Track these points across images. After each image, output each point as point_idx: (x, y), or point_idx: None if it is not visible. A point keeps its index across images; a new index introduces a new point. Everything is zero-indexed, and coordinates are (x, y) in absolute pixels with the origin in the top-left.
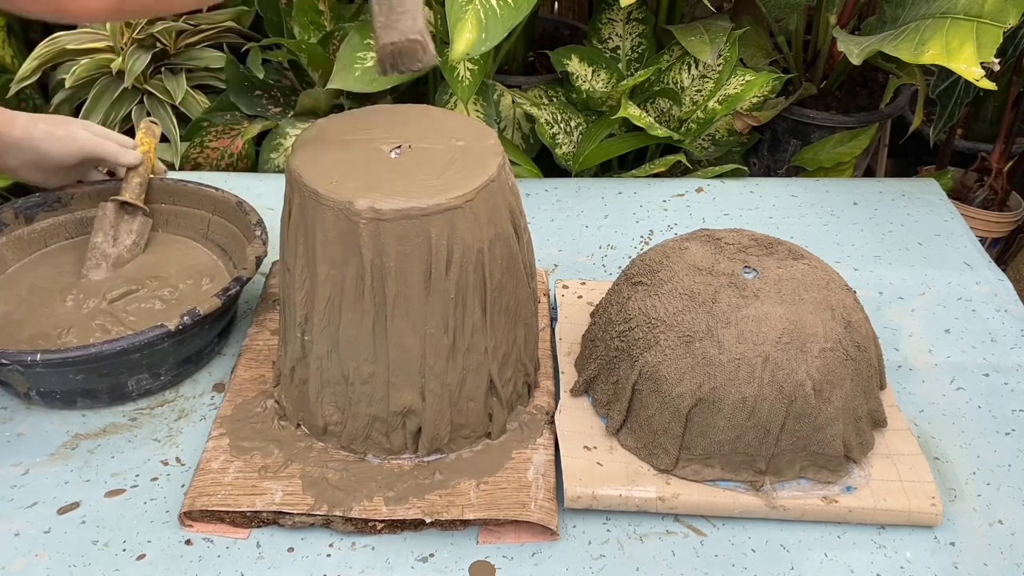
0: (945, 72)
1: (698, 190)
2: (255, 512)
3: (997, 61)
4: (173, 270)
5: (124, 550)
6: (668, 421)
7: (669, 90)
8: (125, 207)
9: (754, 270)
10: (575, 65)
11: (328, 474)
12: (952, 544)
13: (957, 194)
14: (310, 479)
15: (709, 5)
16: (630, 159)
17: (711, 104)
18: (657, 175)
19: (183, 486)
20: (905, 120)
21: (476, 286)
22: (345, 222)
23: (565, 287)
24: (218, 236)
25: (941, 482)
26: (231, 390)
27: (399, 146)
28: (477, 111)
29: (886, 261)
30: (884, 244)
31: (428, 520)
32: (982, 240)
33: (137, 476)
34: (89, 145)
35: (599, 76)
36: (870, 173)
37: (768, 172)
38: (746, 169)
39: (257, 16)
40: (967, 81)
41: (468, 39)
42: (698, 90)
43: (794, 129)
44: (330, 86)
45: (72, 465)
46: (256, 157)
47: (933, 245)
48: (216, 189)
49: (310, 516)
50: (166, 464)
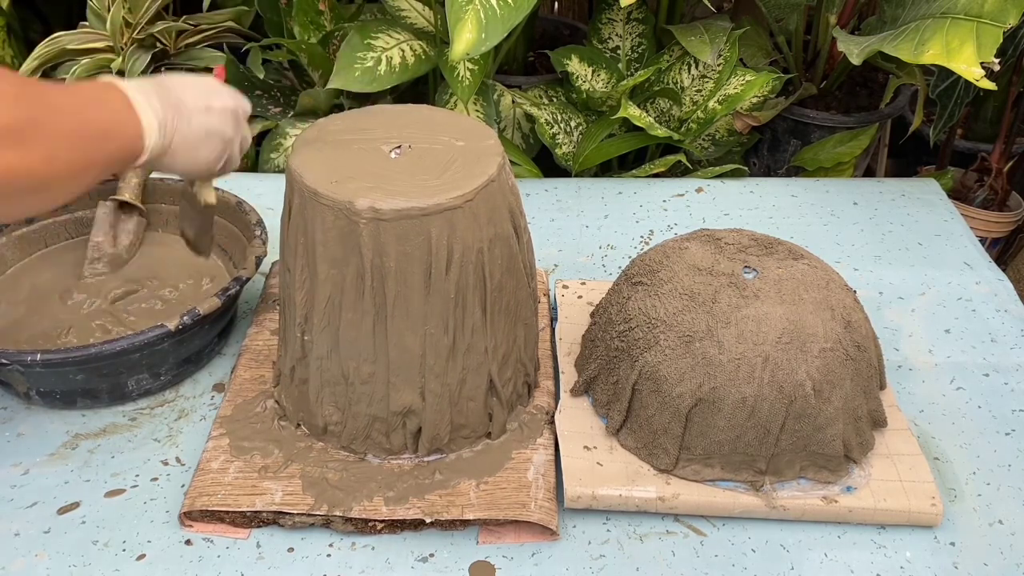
0: (945, 72)
1: (698, 190)
2: (255, 512)
3: (997, 61)
4: (173, 270)
5: (124, 550)
6: (668, 421)
7: (669, 90)
8: (123, 207)
9: (754, 270)
10: (575, 65)
11: (328, 474)
12: (952, 544)
13: (957, 194)
14: (310, 479)
15: (709, 5)
16: (630, 159)
17: (711, 104)
18: (657, 175)
19: (183, 486)
20: (905, 120)
21: (476, 286)
22: (345, 222)
23: (565, 287)
24: (218, 236)
25: (941, 482)
26: (231, 390)
27: (399, 146)
28: (477, 111)
29: (886, 261)
30: (884, 244)
31: (428, 520)
32: (982, 240)
33: (137, 476)
34: None
35: (599, 76)
36: (870, 173)
37: (768, 172)
38: (746, 169)
39: (257, 16)
40: (967, 81)
41: (468, 39)
42: (698, 90)
43: (794, 129)
44: (330, 86)
45: (72, 465)
46: (256, 157)
47: (933, 245)
48: (216, 189)
49: (310, 516)
50: (166, 464)
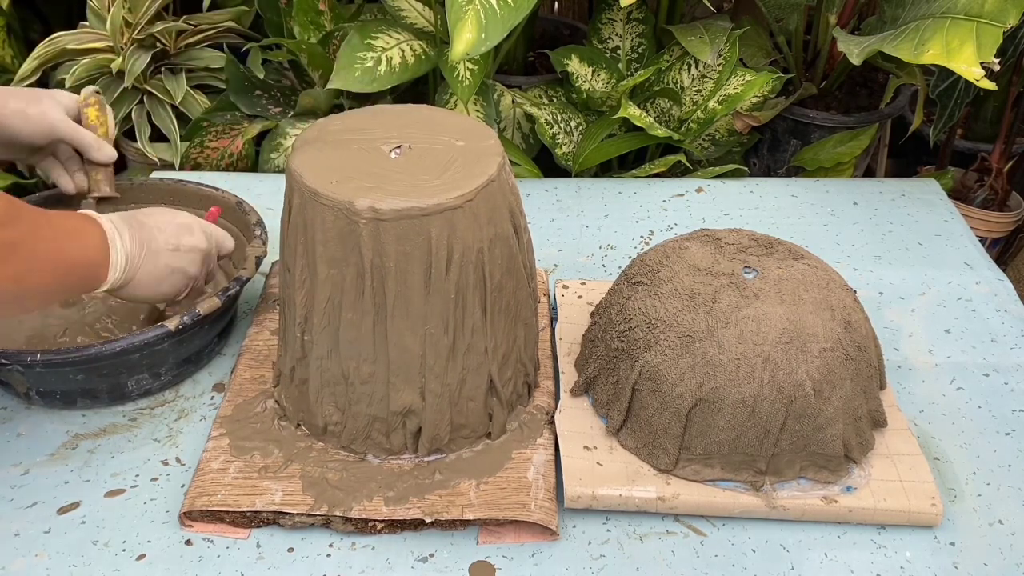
0: (945, 72)
1: (698, 190)
2: (255, 512)
3: (997, 61)
4: None
5: (124, 550)
6: (668, 421)
7: (669, 90)
8: (101, 201)
9: (754, 270)
10: (575, 65)
11: (328, 474)
12: (952, 544)
13: (957, 194)
14: (310, 479)
15: (709, 5)
16: (630, 159)
17: (711, 104)
18: (657, 175)
19: (183, 486)
20: (905, 120)
21: (476, 286)
22: (345, 222)
23: (565, 287)
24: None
25: (941, 482)
26: (231, 390)
27: (399, 146)
28: (477, 111)
29: (886, 261)
30: (884, 244)
31: (428, 520)
32: (982, 240)
33: (137, 476)
34: (63, 129)
35: (599, 76)
36: (870, 173)
37: (768, 172)
38: (746, 169)
39: (257, 16)
40: (967, 81)
41: (468, 39)
42: (698, 90)
43: (794, 129)
44: (330, 86)
45: (72, 465)
46: (256, 157)
47: (933, 245)
48: (216, 189)
49: (310, 516)
50: (166, 464)
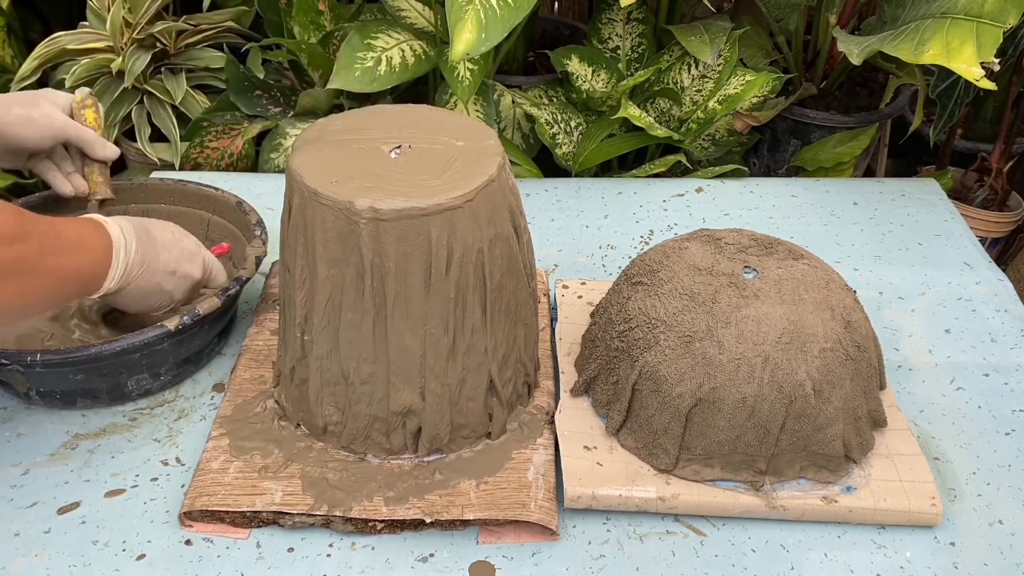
0: (945, 72)
1: (698, 190)
2: (255, 512)
3: (997, 61)
4: None
5: (124, 550)
6: (668, 421)
7: (669, 90)
8: (102, 204)
9: (754, 270)
10: (575, 65)
11: (328, 474)
12: (952, 544)
13: (957, 194)
14: (310, 479)
15: (709, 5)
16: (630, 159)
17: (711, 104)
18: (657, 175)
19: (183, 486)
20: (905, 120)
21: (476, 286)
22: (345, 222)
23: (565, 287)
24: (218, 236)
25: (941, 482)
26: (231, 390)
27: (399, 146)
28: (477, 111)
29: (886, 261)
30: (884, 244)
31: (428, 520)
32: (982, 240)
33: (137, 476)
34: (68, 130)
35: (599, 76)
36: (870, 173)
37: (768, 172)
38: (746, 169)
39: (257, 16)
40: (967, 81)
41: (468, 39)
42: (698, 90)
43: (794, 129)
44: (330, 86)
45: (72, 465)
46: (256, 157)
47: (933, 245)
48: (216, 189)
49: (310, 516)
50: (166, 464)
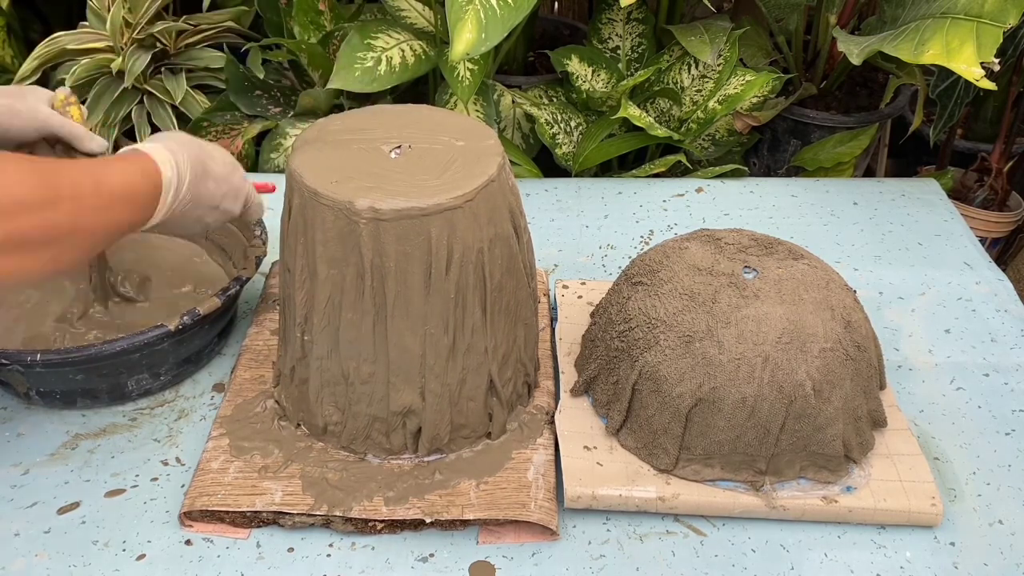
0: (945, 72)
1: (698, 190)
2: (255, 512)
3: (997, 61)
4: (172, 271)
5: (124, 550)
6: (668, 421)
7: (669, 90)
8: None
9: (754, 270)
10: (575, 65)
11: (328, 474)
12: (952, 544)
13: (957, 194)
14: (310, 479)
15: (709, 5)
16: (630, 159)
17: (711, 104)
18: (657, 175)
19: (183, 486)
20: (905, 120)
21: (476, 286)
22: (345, 222)
23: (565, 287)
24: (218, 236)
25: (941, 482)
26: (231, 390)
27: (399, 146)
28: (477, 111)
29: (886, 261)
30: (884, 244)
31: (428, 520)
32: (982, 240)
33: (137, 476)
34: (53, 123)
35: (599, 76)
36: (870, 173)
37: (768, 172)
38: (746, 169)
39: (257, 16)
40: (967, 81)
41: (468, 39)
42: (698, 90)
43: (794, 129)
44: (330, 86)
45: (72, 465)
46: (256, 157)
47: (933, 245)
48: None
49: (310, 516)
50: (166, 464)
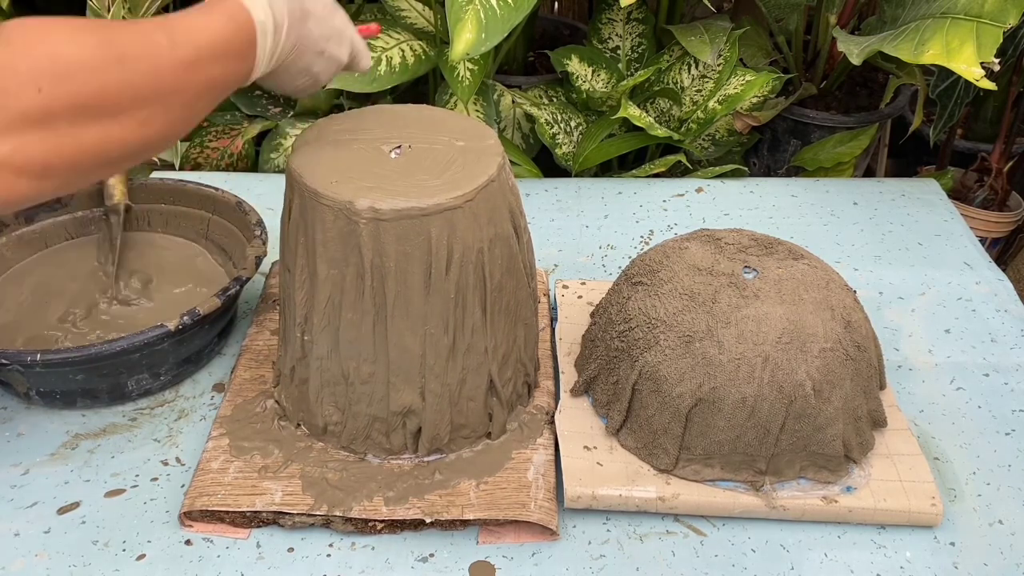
0: (945, 72)
1: (698, 190)
2: (255, 512)
3: (997, 61)
4: (172, 271)
5: (124, 550)
6: (668, 421)
7: (669, 90)
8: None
9: (754, 270)
10: (575, 65)
11: (328, 474)
12: (952, 544)
13: (957, 194)
14: (310, 479)
15: (709, 5)
16: (630, 159)
17: (711, 104)
18: (657, 175)
19: (183, 486)
20: (905, 120)
21: (476, 286)
22: (345, 222)
23: (565, 287)
24: (218, 236)
25: (941, 482)
26: (231, 390)
27: (399, 146)
28: (477, 111)
29: (886, 261)
30: (884, 244)
31: (428, 520)
32: (982, 240)
33: (137, 476)
34: None
35: (599, 76)
36: (870, 173)
37: (768, 172)
38: (746, 169)
39: None
40: (967, 81)
41: (468, 39)
42: (698, 90)
43: (794, 129)
44: (330, 86)
45: (72, 465)
46: (256, 157)
47: (933, 245)
48: (216, 189)
49: (310, 516)
50: (166, 464)
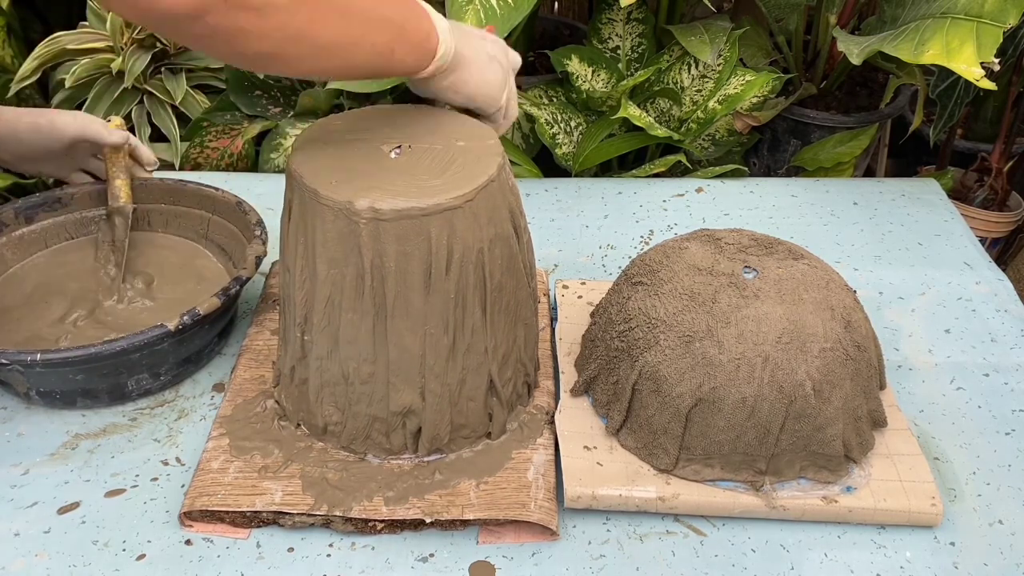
0: (945, 72)
1: (698, 190)
2: (255, 512)
3: (997, 61)
4: (172, 271)
5: (124, 550)
6: (668, 421)
7: (669, 90)
8: (115, 214)
9: (754, 270)
10: (575, 65)
11: (328, 474)
12: (952, 544)
13: (957, 194)
14: (310, 479)
15: (709, 5)
16: (630, 159)
17: (711, 104)
18: (657, 175)
19: (183, 486)
20: (905, 120)
21: (476, 286)
22: (345, 222)
23: (565, 287)
24: (218, 236)
25: (941, 482)
26: (231, 390)
27: (399, 146)
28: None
29: (886, 261)
30: (884, 244)
31: (428, 520)
32: (982, 240)
33: (137, 476)
34: (71, 129)
35: (599, 76)
36: (870, 173)
37: (768, 172)
38: (746, 169)
39: None
40: (967, 81)
41: None
42: (698, 90)
43: (794, 129)
44: (330, 86)
45: (72, 465)
46: (256, 157)
47: (933, 245)
48: (216, 189)
49: (310, 516)
50: (166, 464)
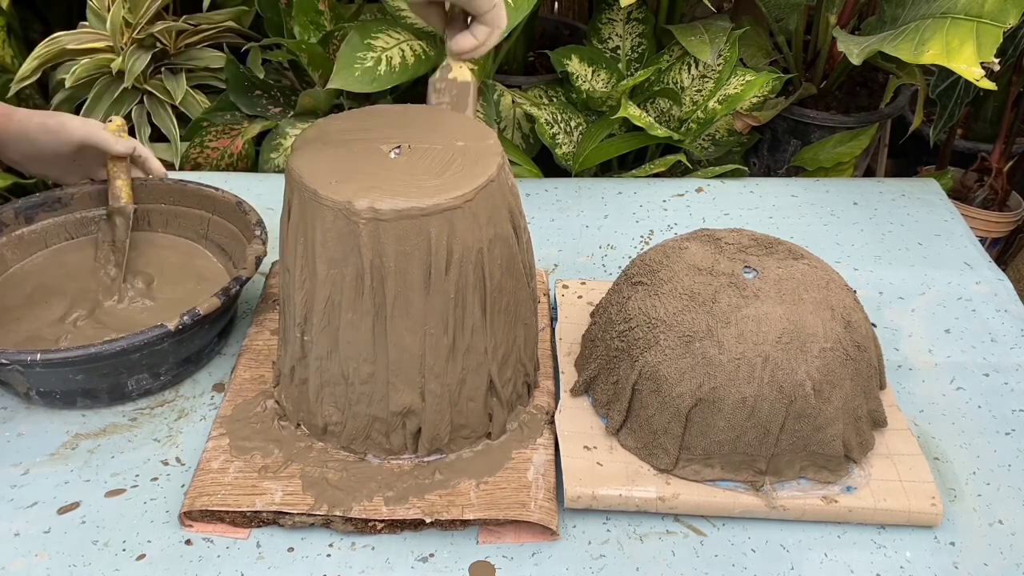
0: (945, 72)
1: (698, 190)
2: (255, 512)
3: (997, 61)
4: (172, 271)
5: (124, 550)
6: (668, 421)
7: (669, 90)
8: (116, 214)
9: (754, 270)
10: (575, 65)
11: (328, 474)
12: (952, 544)
13: (957, 194)
14: (310, 479)
15: (709, 5)
16: (630, 159)
17: (711, 104)
18: (657, 175)
19: (183, 486)
20: (905, 120)
21: (476, 286)
22: (344, 222)
23: (565, 287)
24: (218, 236)
25: (941, 482)
26: (231, 390)
27: (399, 146)
28: (477, 111)
29: (886, 261)
30: (884, 244)
31: (428, 520)
32: (982, 240)
33: (137, 476)
34: (80, 133)
35: (599, 76)
36: (870, 173)
37: (768, 172)
38: (746, 169)
39: (257, 16)
40: (967, 81)
41: None
42: (698, 90)
43: (794, 129)
44: (330, 86)
45: (72, 465)
46: (256, 157)
47: (933, 245)
48: (216, 189)
49: (310, 516)
50: (166, 464)
